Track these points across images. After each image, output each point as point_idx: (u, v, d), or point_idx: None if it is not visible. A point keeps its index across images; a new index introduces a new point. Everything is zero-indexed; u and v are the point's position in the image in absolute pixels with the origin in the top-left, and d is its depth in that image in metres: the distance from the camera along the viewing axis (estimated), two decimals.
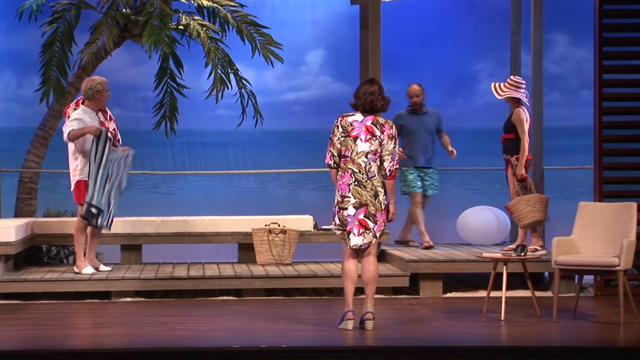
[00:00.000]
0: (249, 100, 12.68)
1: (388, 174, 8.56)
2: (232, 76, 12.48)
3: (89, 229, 10.71)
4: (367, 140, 8.49)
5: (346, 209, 8.52)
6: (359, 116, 8.57)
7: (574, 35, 14.41)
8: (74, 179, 10.59)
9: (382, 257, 11.89)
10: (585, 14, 11.39)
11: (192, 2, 12.51)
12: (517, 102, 11.15)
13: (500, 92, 11.08)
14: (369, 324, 8.58)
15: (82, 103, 10.63)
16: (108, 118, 10.73)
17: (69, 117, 10.59)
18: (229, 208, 12.68)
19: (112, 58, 12.60)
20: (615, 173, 10.93)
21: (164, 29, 12.01)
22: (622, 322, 8.88)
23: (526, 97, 11.15)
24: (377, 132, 8.50)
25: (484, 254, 9.90)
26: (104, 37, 12.22)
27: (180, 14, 12.49)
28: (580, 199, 10.36)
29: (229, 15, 12.54)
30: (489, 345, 8.21)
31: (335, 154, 8.56)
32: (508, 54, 12.76)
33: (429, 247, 11.64)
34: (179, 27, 12.42)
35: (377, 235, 8.56)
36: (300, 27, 14.27)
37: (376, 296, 10.50)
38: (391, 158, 8.54)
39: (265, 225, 11.48)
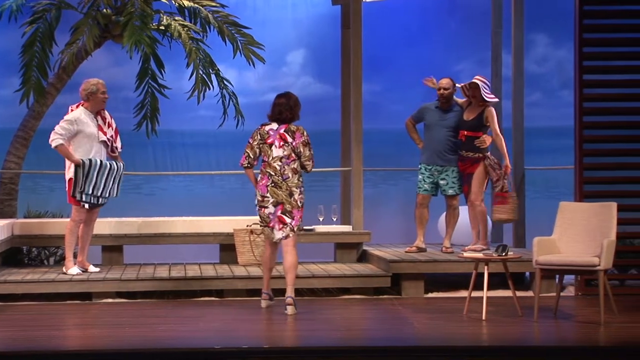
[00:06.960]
0: (230, 101, 12.65)
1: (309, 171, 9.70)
2: (213, 77, 12.45)
3: (80, 231, 10.69)
4: (281, 147, 9.56)
5: (267, 207, 9.59)
6: (274, 125, 9.63)
7: (554, 35, 14.44)
8: (67, 176, 10.56)
9: (363, 257, 11.90)
10: (566, 14, 11.41)
11: (173, 2, 12.47)
12: (484, 101, 11.20)
13: (489, 97, 11.12)
14: (289, 309, 9.39)
15: (82, 105, 10.63)
16: (107, 124, 10.71)
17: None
18: (211, 209, 12.64)
19: (93, 58, 12.55)
20: (596, 173, 10.97)
21: (145, 29, 11.97)
22: (603, 322, 8.92)
23: None
24: (289, 139, 9.55)
25: (465, 254, 9.93)
26: (85, 37, 12.18)
27: (161, 15, 12.46)
28: (561, 199, 10.40)
29: (210, 15, 12.52)
30: (470, 345, 8.23)
31: (251, 156, 9.60)
32: (489, 54, 12.78)
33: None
34: (160, 27, 12.38)
35: (295, 229, 9.56)
36: (281, 27, 14.24)
37: (357, 296, 10.64)
38: (312, 162, 9.62)
39: (247, 226, 11.47)
